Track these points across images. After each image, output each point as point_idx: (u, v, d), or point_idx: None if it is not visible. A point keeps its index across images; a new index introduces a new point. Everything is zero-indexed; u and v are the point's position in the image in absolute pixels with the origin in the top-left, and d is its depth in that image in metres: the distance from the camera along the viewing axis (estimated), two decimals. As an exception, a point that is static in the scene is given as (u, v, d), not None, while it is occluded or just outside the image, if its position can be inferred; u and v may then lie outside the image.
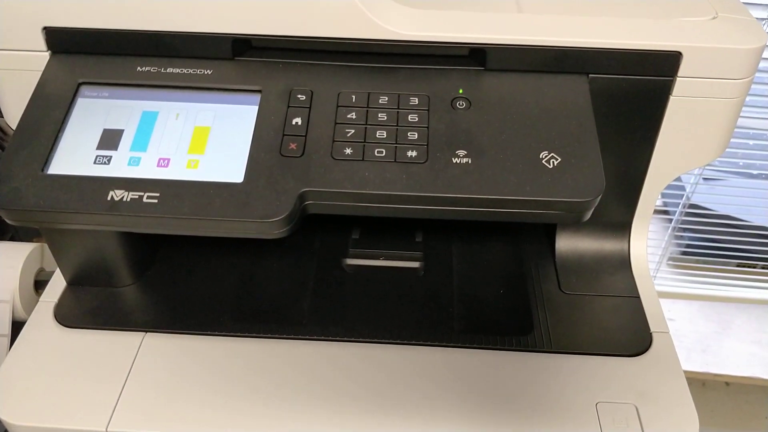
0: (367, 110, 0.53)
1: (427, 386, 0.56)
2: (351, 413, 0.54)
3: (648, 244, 0.78)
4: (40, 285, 0.72)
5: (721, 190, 1.60)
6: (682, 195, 1.59)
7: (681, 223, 1.64)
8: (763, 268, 1.72)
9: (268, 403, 0.55)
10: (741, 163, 1.57)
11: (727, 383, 1.70)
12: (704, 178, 1.56)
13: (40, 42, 0.56)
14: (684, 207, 1.61)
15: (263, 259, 0.68)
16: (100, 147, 0.52)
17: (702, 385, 1.69)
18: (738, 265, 1.72)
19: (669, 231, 1.66)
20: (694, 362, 1.63)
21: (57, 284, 0.64)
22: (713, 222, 1.63)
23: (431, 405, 0.55)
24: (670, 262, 1.74)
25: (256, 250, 0.68)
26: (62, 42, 0.56)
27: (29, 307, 0.67)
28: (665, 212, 1.64)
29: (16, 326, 0.66)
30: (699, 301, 1.77)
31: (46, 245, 0.73)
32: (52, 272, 0.66)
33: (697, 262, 1.73)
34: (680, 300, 1.76)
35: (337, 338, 0.59)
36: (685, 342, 1.64)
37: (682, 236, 1.70)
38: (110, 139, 0.52)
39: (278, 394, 0.55)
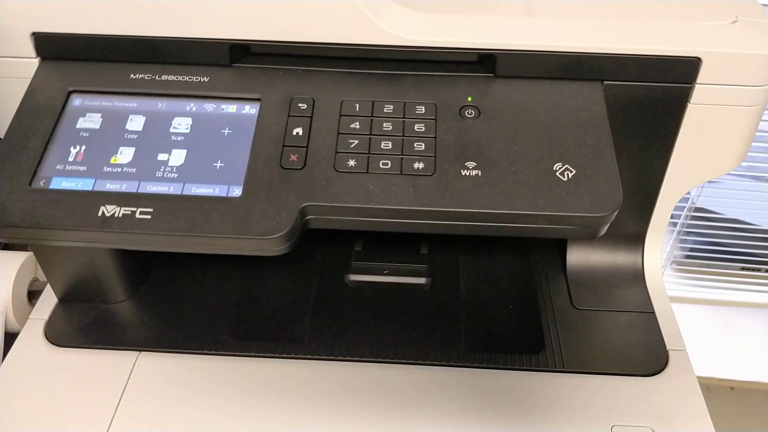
0: (372, 119, 0.52)
1: (433, 408, 0.54)
2: (355, 437, 0.53)
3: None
4: (33, 295, 0.70)
5: (726, 193, 1.59)
6: (687, 198, 1.58)
7: (685, 227, 1.63)
8: (767, 271, 1.71)
9: (267, 425, 0.53)
10: (744, 165, 1.56)
11: (731, 387, 1.70)
12: (709, 181, 1.55)
13: (29, 48, 0.54)
14: (689, 210, 1.59)
15: (262, 273, 0.66)
16: (90, 159, 0.50)
17: (706, 389, 1.68)
18: (742, 269, 1.72)
19: (674, 234, 1.65)
20: (698, 367, 1.62)
21: (48, 300, 0.63)
22: (718, 225, 1.62)
23: (438, 427, 0.53)
24: (675, 266, 1.73)
25: (254, 264, 0.67)
26: (52, 48, 0.55)
27: (22, 318, 0.65)
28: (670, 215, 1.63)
29: (9, 338, 0.64)
30: (703, 305, 1.77)
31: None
32: (46, 282, 0.64)
33: (702, 265, 1.72)
34: (684, 303, 1.75)
35: (340, 358, 0.58)
36: (689, 346, 1.63)
37: (686, 239, 1.69)
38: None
39: (278, 416, 0.54)
